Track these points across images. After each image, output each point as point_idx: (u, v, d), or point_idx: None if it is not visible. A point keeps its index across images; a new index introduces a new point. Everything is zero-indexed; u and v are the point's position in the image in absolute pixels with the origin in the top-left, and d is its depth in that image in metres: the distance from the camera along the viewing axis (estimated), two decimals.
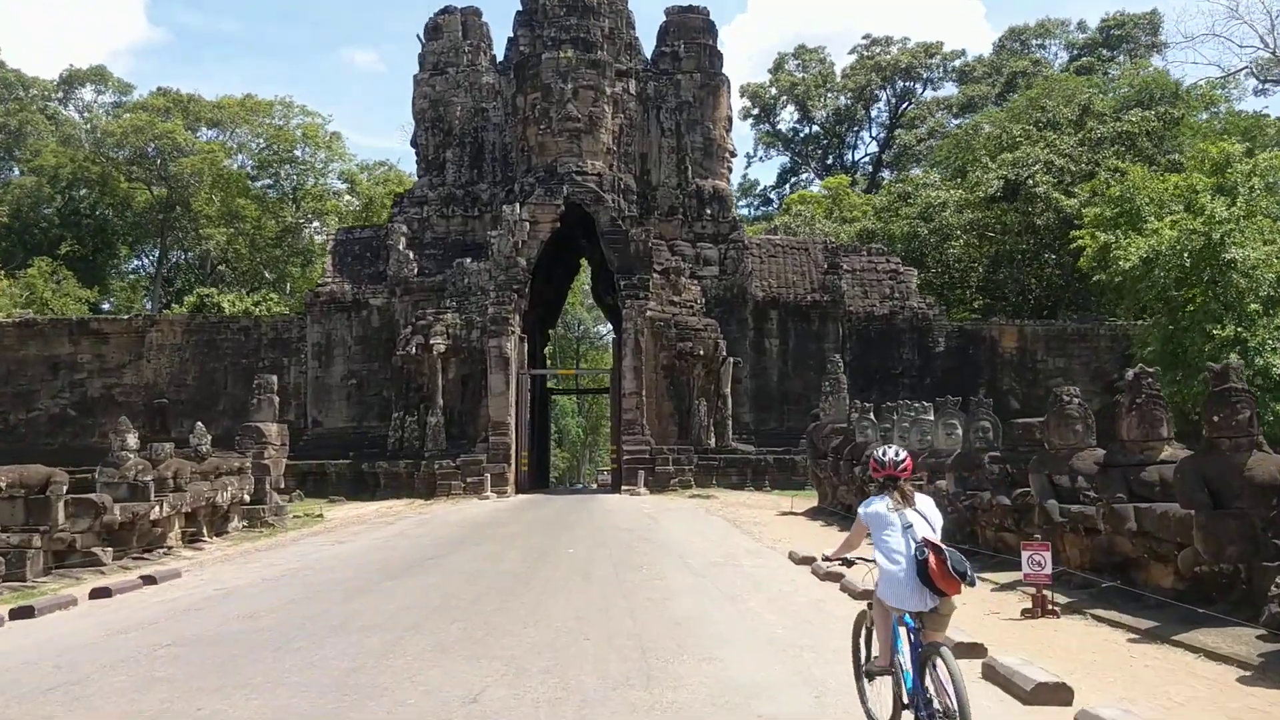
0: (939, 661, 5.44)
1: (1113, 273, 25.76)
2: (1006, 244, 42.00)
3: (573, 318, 76.53)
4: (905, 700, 5.75)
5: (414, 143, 41.84)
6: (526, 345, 37.64)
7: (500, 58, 42.15)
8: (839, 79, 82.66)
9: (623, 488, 33.79)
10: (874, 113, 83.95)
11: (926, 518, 5.86)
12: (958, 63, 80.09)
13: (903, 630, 5.79)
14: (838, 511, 24.78)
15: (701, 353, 36.11)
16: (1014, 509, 13.74)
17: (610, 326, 74.64)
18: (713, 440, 36.44)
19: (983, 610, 10.76)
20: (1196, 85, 43.75)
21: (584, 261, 46.30)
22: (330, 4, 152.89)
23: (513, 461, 35.16)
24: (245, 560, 17.10)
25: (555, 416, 72.07)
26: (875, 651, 6.22)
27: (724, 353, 37.00)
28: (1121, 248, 24.92)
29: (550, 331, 47.85)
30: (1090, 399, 17.55)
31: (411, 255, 38.72)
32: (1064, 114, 41.92)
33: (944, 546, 5.63)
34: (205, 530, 19.81)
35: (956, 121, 72.61)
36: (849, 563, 6.33)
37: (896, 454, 6.04)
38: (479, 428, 35.72)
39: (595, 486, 63.99)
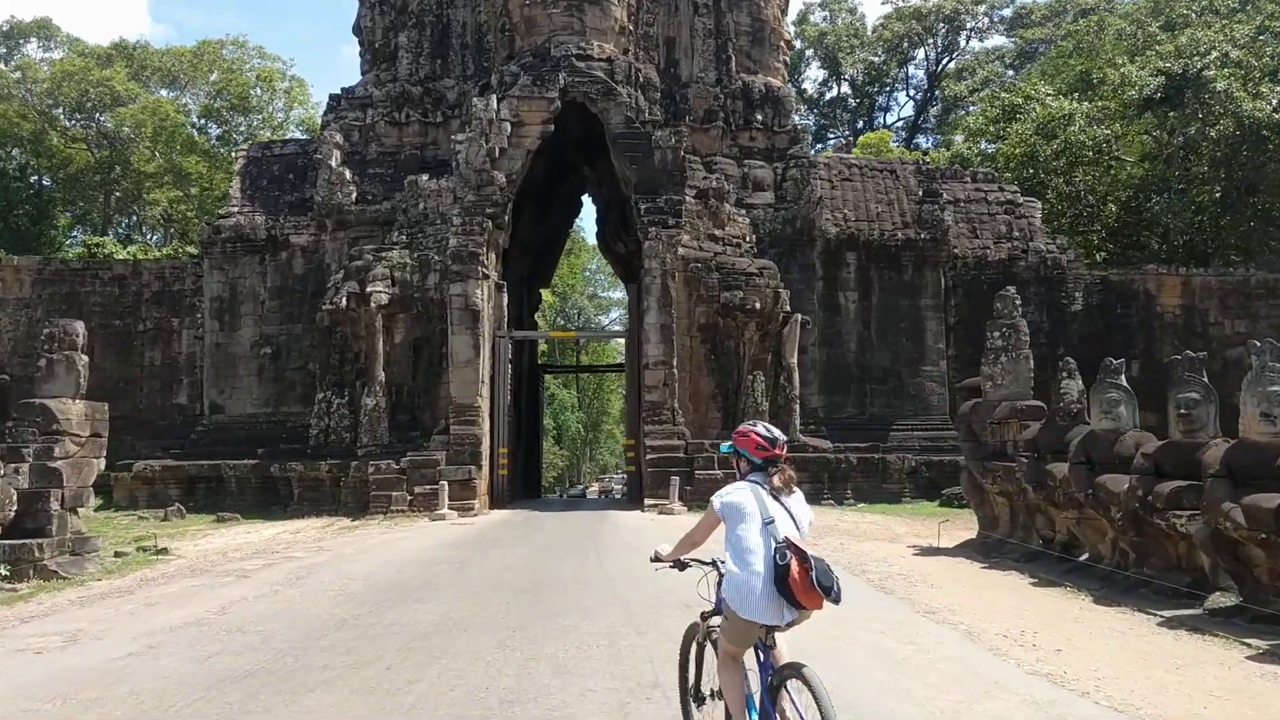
0: (801, 686, 4.51)
1: None
2: (1159, 168, 30.90)
3: (565, 286, 65.15)
4: None
5: (356, 29, 30.80)
6: (507, 300, 26.63)
7: None
8: (870, 33, 72.22)
9: (646, 501, 22.75)
10: (910, 71, 73.24)
11: (793, 514, 4.88)
12: (1007, 10, 69.47)
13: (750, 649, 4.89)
14: (1038, 554, 13.88)
15: (757, 306, 25.09)
16: None
17: (622, 293, 63.86)
18: None
19: None
20: None
21: (587, 199, 35.30)
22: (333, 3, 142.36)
23: (485, 462, 24.16)
24: None
25: (553, 410, 60.84)
26: (702, 676, 5.36)
27: (787, 306, 25.98)
28: None
29: (541, 292, 36.85)
30: None
31: (349, 175, 27.71)
32: None
33: (810, 552, 4.60)
34: None
35: (1012, 74, 62.25)
36: (682, 565, 5.34)
37: (772, 429, 5.07)
38: (438, 414, 24.77)
39: (597, 493, 52.96)
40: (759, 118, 29.45)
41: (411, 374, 25.40)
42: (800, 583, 4.51)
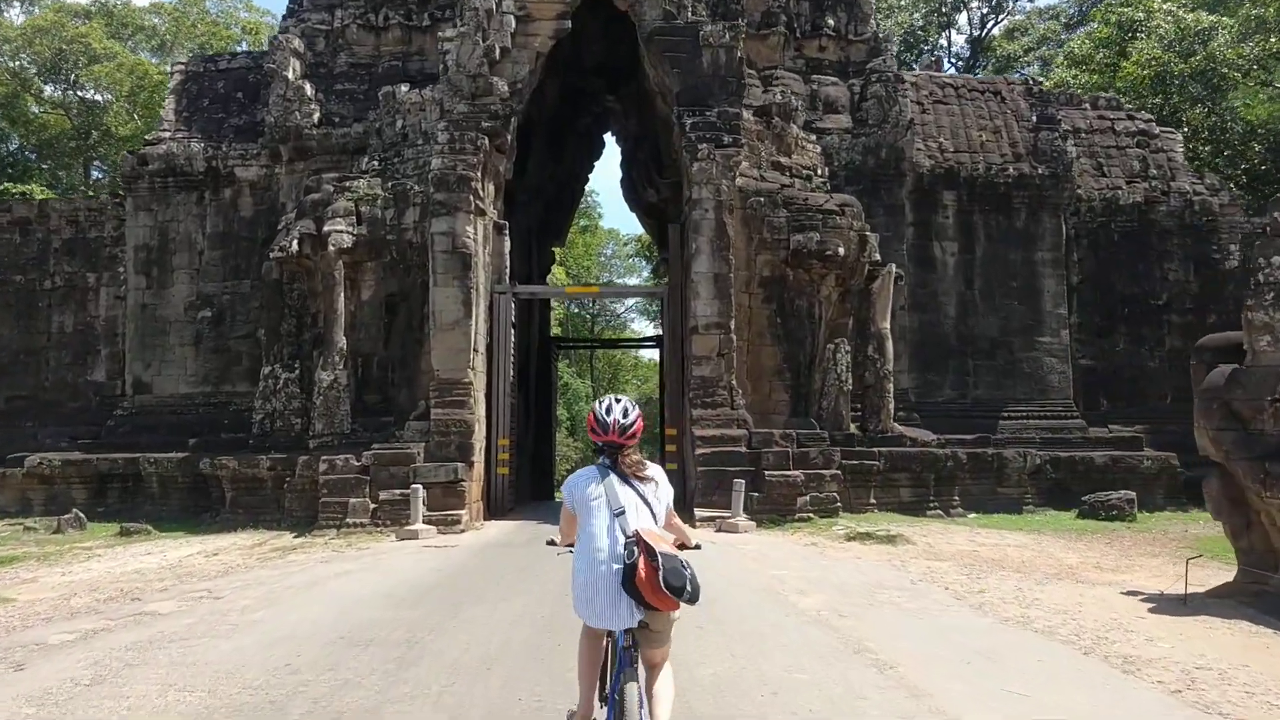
0: (624, 697, 4.09)
1: None
2: None
3: (579, 268, 58.88)
4: None
5: None
6: (510, 248, 20.50)
7: None
8: None
9: (696, 513, 16.55)
10: (950, 38, 66.63)
11: (648, 500, 4.37)
12: None
13: (610, 653, 4.45)
14: None
15: (840, 252, 18.91)
16: None
17: (640, 279, 56.68)
18: (851, 420, 19.27)
19: None
20: None
21: (610, 139, 29.16)
22: None
23: (479, 458, 18.07)
24: None
25: (566, 400, 54.49)
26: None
27: (876, 254, 19.82)
28: None
29: (555, 251, 30.67)
30: None
31: (310, 91, 21.61)
32: None
33: (661, 549, 4.11)
34: None
35: (1069, 35, 55.84)
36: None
37: (625, 411, 4.43)
38: (418, 394, 18.70)
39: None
40: (829, 23, 23.20)
41: (383, 341, 19.32)
42: (648, 583, 4.05)
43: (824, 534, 15.20)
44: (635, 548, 4.14)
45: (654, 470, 4.52)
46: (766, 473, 16.35)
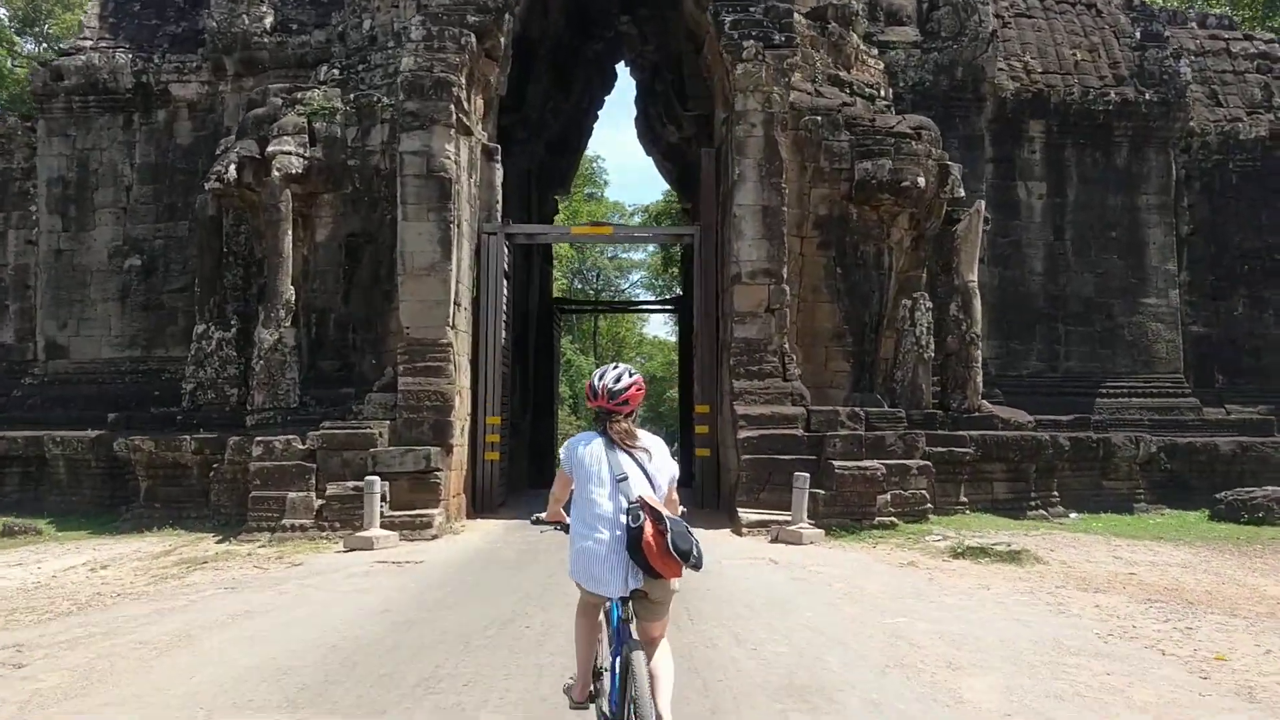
0: (631, 665, 3.91)
1: None
2: None
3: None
4: None
5: None
6: (503, 178, 16.52)
7: None
8: None
9: (742, 515, 12.62)
10: None
11: (647, 471, 4.18)
12: None
13: (606, 626, 4.28)
14: None
15: (919, 183, 14.99)
16: None
17: (646, 253, 52.26)
18: (927, 394, 15.37)
19: None
20: None
21: (623, 69, 25.12)
22: None
23: (460, 439, 14.19)
24: None
25: (569, 378, 50.35)
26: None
27: (960, 190, 15.87)
28: None
29: (558, 198, 26.58)
30: None
31: None
32: None
33: (666, 513, 4.00)
34: None
35: None
36: (567, 528, 4.34)
37: (618, 377, 4.28)
38: (387, 359, 14.77)
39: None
40: None
41: (343, 293, 15.40)
42: (655, 547, 3.91)
43: (917, 547, 11.32)
44: (641, 512, 3.97)
45: (649, 440, 4.31)
46: (835, 463, 12.43)
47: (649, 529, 3.92)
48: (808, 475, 11.83)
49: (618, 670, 4.06)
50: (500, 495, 15.94)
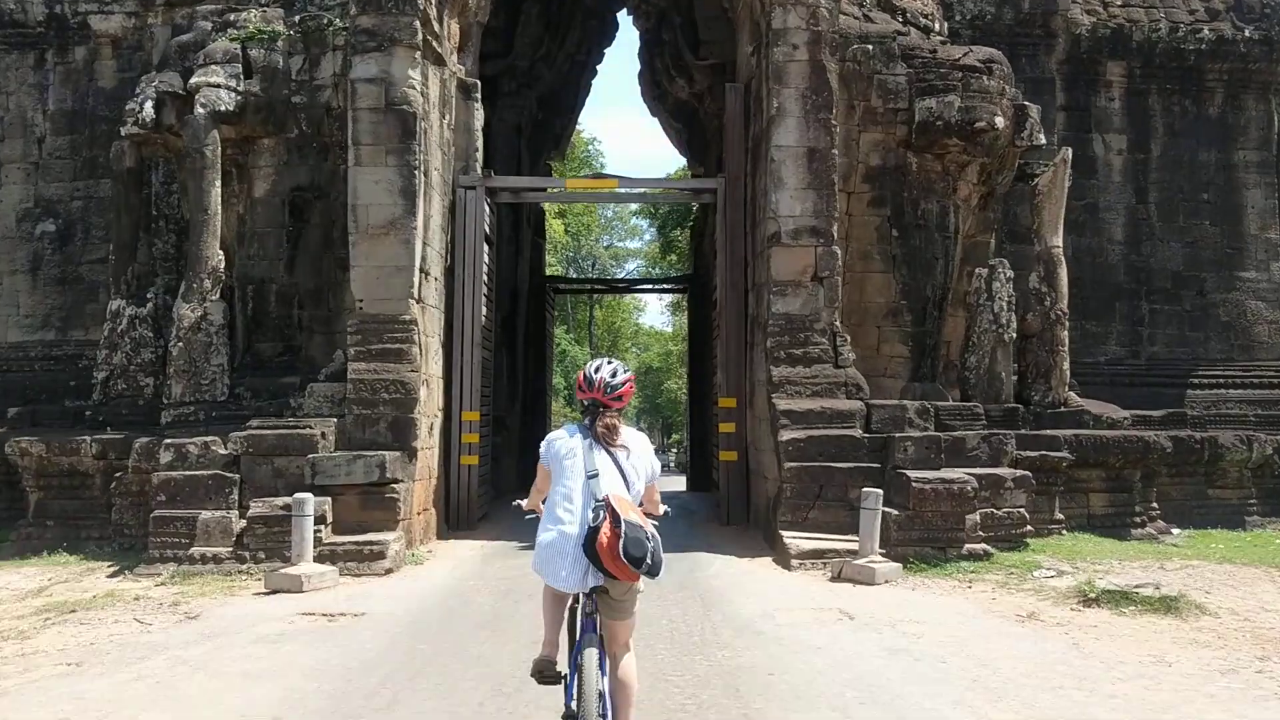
0: (582, 667, 4.00)
1: None
2: None
3: (579, 226, 51.38)
4: None
5: None
6: (483, 122, 13.61)
7: None
8: None
9: (789, 539, 9.72)
10: None
11: (623, 468, 4.18)
12: None
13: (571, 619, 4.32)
14: None
15: (997, 123, 12.18)
16: None
17: (643, 241, 48.93)
18: (1007, 385, 12.51)
19: None
20: None
21: (625, 19, 22.18)
22: None
23: (428, 442, 11.33)
24: None
25: (563, 369, 47.22)
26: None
27: (1040, 136, 13.02)
28: None
29: (551, 163, 23.55)
30: None
31: None
32: None
33: (627, 516, 3.93)
34: None
35: None
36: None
37: (615, 372, 4.29)
38: (340, 340, 11.86)
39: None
40: None
41: (287, 260, 12.51)
42: (607, 549, 3.90)
43: (1028, 588, 8.49)
44: (602, 512, 3.98)
45: (630, 437, 4.30)
46: (909, 474, 9.57)
47: (605, 530, 3.90)
48: (880, 492, 8.97)
49: (575, 663, 4.07)
50: (481, 507, 13.10)
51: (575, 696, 3.98)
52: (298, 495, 8.89)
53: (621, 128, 78.98)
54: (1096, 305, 15.49)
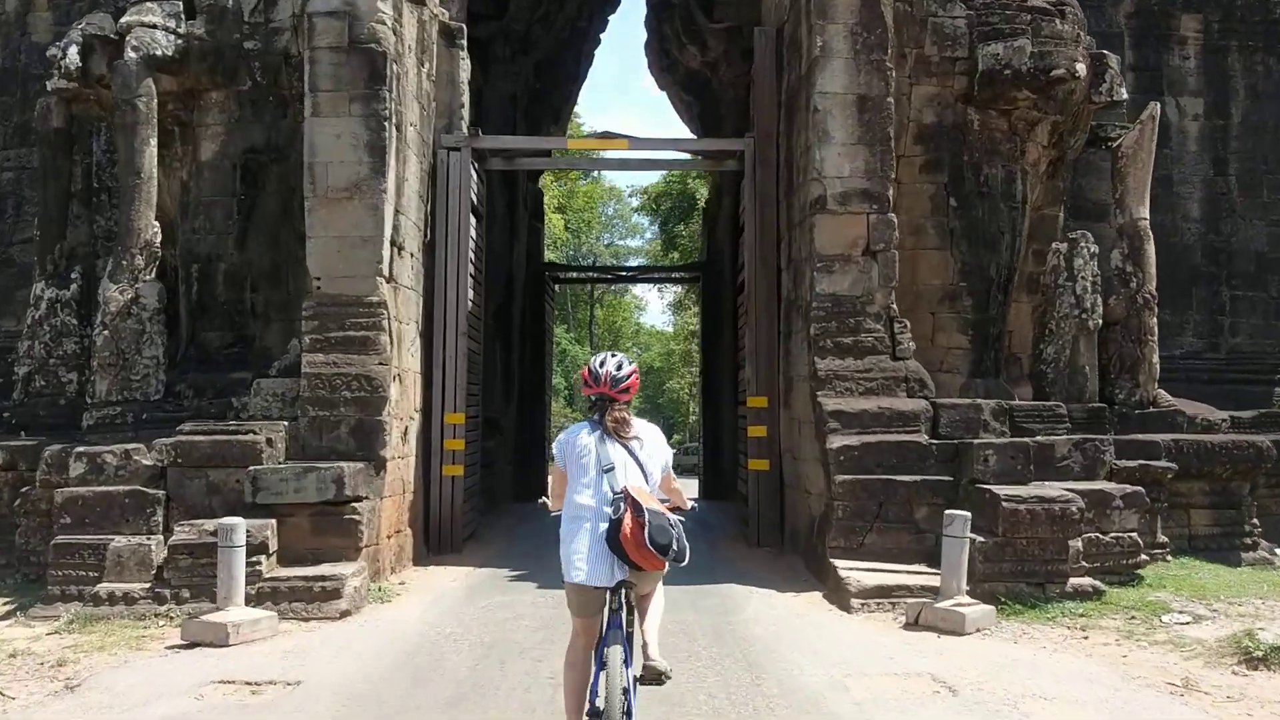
0: (607, 662, 3.92)
1: None
2: None
3: (579, 222, 49.28)
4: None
5: None
6: (469, 72, 11.71)
7: None
8: None
9: (849, 584, 7.80)
10: None
11: (639, 458, 4.17)
12: None
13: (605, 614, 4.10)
14: None
15: (1080, 70, 10.27)
16: None
17: (642, 240, 46.88)
18: (1092, 381, 10.57)
19: None
20: None
21: None
22: None
23: (400, 447, 9.43)
24: None
25: (563, 370, 45.22)
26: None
27: (1119, 88, 11.13)
28: None
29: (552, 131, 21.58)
30: None
31: None
32: None
33: (649, 505, 3.93)
34: None
35: None
36: None
37: (620, 364, 4.27)
38: (299, 328, 9.93)
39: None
40: None
41: (239, 235, 10.61)
42: (632, 539, 3.87)
43: (1161, 639, 6.59)
44: (622, 503, 3.94)
45: (642, 428, 4.27)
46: (997, 491, 7.65)
47: (628, 521, 3.87)
48: (967, 516, 7.06)
49: (601, 660, 3.99)
50: (468, 524, 11.20)
51: (600, 693, 3.91)
52: (223, 522, 6.97)
53: (622, 125, 77.21)
54: (1171, 292, 13.52)
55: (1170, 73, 13.96)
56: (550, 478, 4.32)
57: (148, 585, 7.57)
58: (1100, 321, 10.23)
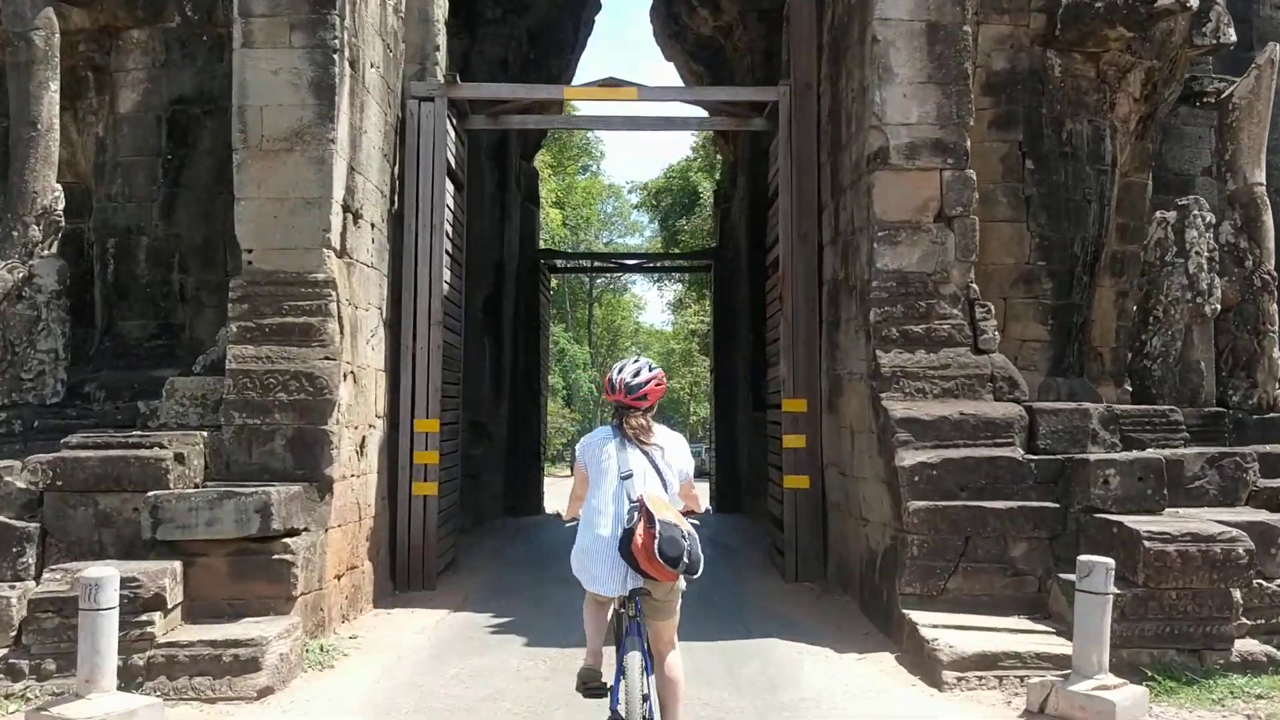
0: (626, 671, 3.88)
1: None
2: None
3: (579, 219, 47.43)
4: None
5: None
6: (445, 7, 9.84)
7: None
8: None
9: (937, 650, 5.91)
10: None
11: (659, 467, 4.13)
12: None
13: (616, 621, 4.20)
14: None
15: (1192, 2, 8.38)
16: None
17: (640, 239, 44.89)
18: (1209, 380, 8.67)
19: None
20: None
21: None
22: None
23: (357, 463, 7.54)
24: None
25: (562, 369, 43.33)
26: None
27: (1227, 28, 9.24)
28: None
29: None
30: None
31: None
32: None
33: (661, 516, 3.85)
34: None
35: None
36: None
37: (636, 372, 4.21)
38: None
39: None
40: None
41: (164, 203, 8.73)
42: (643, 550, 3.83)
43: None
44: (636, 513, 3.91)
45: (663, 435, 4.24)
46: (1135, 527, 5.79)
47: (640, 531, 3.83)
48: (1110, 563, 5.18)
49: (620, 666, 3.96)
50: (445, 552, 9.32)
51: (621, 700, 3.85)
52: (86, 574, 5.07)
53: (624, 105, 75.16)
54: None
55: (1261, 24, 12.10)
56: (574, 483, 4.37)
57: (5, 650, 5.70)
58: (1218, 307, 8.37)
